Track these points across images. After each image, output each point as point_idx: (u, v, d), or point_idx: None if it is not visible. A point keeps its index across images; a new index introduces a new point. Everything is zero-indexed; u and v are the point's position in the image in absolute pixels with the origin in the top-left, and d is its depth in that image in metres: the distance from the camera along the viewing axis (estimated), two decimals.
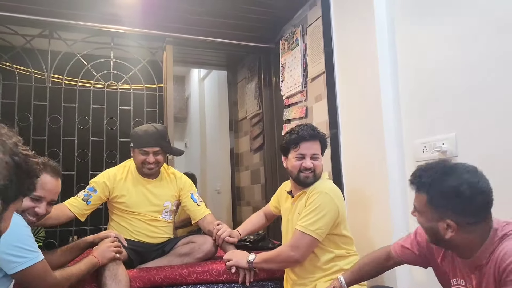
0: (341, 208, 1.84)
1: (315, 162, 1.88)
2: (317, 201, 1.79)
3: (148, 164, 2.19)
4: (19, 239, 1.40)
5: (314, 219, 1.77)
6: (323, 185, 1.87)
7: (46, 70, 2.97)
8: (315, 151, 1.90)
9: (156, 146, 2.19)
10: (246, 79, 4.10)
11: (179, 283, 1.96)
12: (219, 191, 4.82)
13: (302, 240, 1.78)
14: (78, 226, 2.95)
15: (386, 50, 2.11)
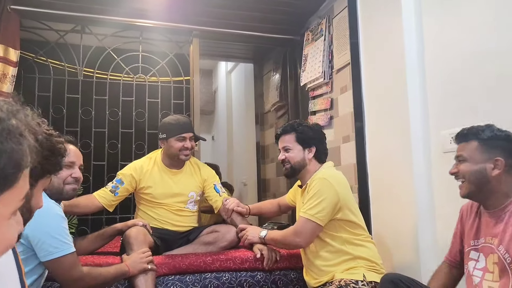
0: (342, 193, 1.85)
1: (287, 154, 1.97)
2: (315, 187, 1.85)
3: (185, 150, 2.27)
4: (55, 229, 1.48)
5: (313, 204, 1.82)
6: (322, 172, 1.92)
7: (78, 64, 3.08)
8: (286, 143, 1.99)
9: (191, 132, 2.30)
10: (271, 71, 4.10)
11: (203, 270, 2.01)
12: (245, 183, 4.86)
13: (304, 226, 1.84)
14: (108, 215, 3.06)
15: (413, 40, 2.07)
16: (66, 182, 1.63)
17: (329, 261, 1.84)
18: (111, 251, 2.23)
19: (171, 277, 1.98)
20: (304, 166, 1.97)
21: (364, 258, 1.82)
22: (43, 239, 1.45)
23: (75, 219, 2.88)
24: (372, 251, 1.86)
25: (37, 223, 1.41)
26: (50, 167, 0.88)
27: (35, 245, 1.44)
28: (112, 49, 3.16)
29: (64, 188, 1.63)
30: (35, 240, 1.44)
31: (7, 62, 2.64)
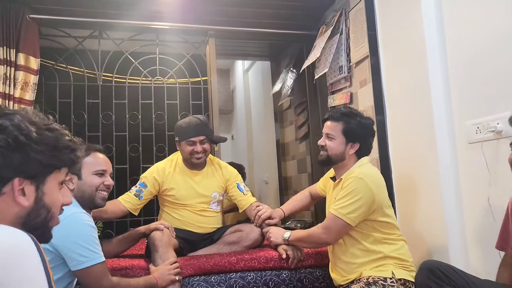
0: (378, 194, 1.78)
1: (328, 142, 1.90)
2: (351, 185, 1.78)
3: (196, 154, 2.24)
4: (84, 239, 1.49)
5: (347, 203, 1.76)
6: (359, 170, 1.84)
7: (97, 69, 3.11)
8: (329, 131, 1.90)
9: (201, 135, 2.25)
10: (289, 67, 4.07)
11: (228, 270, 2.01)
12: (267, 181, 4.85)
13: (334, 223, 1.79)
14: (132, 218, 3.09)
15: (434, 28, 2.01)
16: (98, 189, 1.68)
17: (358, 259, 1.80)
18: (136, 254, 2.25)
19: (196, 278, 1.98)
20: (342, 160, 1.89)
21: (394, 257, 1.77)
22: (72, 248, 1.46)
23: (100, 223, 2.91)
24: (403, 249, 1.81)
25: (66, 233, 1.43)
26: (55, 162, 0.87)
27: (65, 254, 1.46)
28: (129, 53, 3.19)
29: (96, 196, 1.68)
30: (64, 250, 1.45)
31: (28, 71, 2.69)
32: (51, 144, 0.86)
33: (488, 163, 1.69)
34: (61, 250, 1.45)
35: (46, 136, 0.85)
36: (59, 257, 1.46)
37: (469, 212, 1.84)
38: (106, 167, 1.74)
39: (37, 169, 0.84)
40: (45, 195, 0.86)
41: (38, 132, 0.83)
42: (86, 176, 1.67)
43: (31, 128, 0.83)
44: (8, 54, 2.62)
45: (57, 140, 0.87)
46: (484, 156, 1.71)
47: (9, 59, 2.61)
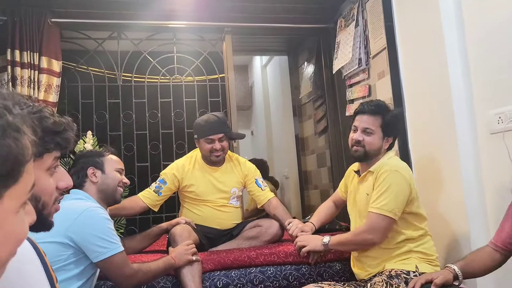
0: (413, 184, 1.76)
1: (367, 138, 1.80)
2: (387, 180, 1.71)
3: (215, 152, 2.26)
4: (102, 231, 1.54)
5: (388, 199, 1.70)
6: (391, 163, 1.79)
7: (117, 69, 3.18)
8: (368, 125, 1.80)
9: (220, 133, 2.26)
10: (306, 61, 4.05)
11: (247, 265, 2.03)
12: (287, 176, 4.85)
13: (379, 222, 1.70)
14: (155, 214, 3.15)
15: (452, 17, 1.96)
16: (119, 185, 1.79)
17: (385, 255, 1.77)
18: (158, 249, 2.30)
19: (217, 272, 2.01)
20: (378, 155, 1.82)
21: (419, 251, 1.74)
22: (91, 241, 1.51)
23: (123, 220, 2.98)
24: (428, 244, 1.78)
25: (84, 227, 1.49)
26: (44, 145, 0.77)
27: (85, 247, 1.51)
28: (147, 52, 3.24)
29: (117, 191, 1.78)
30: (83, 243, 1.50)
31: (51, 73, 2.77)
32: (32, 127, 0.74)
33: (510, 153, 1.65)
34: (81, 244, 1.50)
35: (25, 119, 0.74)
36: (80, 251, 1.51)
37: (491, 203, 1.80)
38: (123, 167, 1.87)
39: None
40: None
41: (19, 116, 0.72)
42: (109, 171, 1.77)
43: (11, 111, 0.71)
44: (32, 58, 2.70)
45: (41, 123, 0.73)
46: (507, 147, 1.67)
47: (32, 63, 2.69)
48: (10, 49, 2.65)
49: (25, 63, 2.66)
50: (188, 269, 1.88)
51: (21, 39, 2.68)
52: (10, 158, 0.45)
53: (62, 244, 1.48)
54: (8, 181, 0.45)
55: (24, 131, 0.48)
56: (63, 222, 1.49)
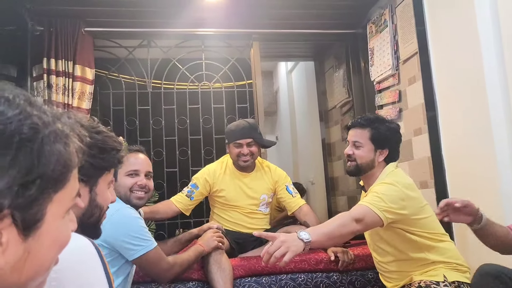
0: (411, 197, 1.68)
1: (356, 151, 1.79)
2: (381, 189, 1.66)
3: (243, 156, 2.28)
4: (134, 229, 1.57)
5: (381, 202, 1.62)
6: (387, 179, 1.72)
7: (146, 76, 3.24)
8: (356, 138, 1.80)
9: (248, 138, 2.28)
10: (333, 67, 4.03)
11: (278, 272, 2.03)
12: (313, 182, 4.82)
13: (368, 215, 1.59)
14: (183, 219, 3.18)
15: (488, 19, 1.91)
16: (133, 190, 1.70)
17: (406, 268, 1.73)
18: None
19: (247, 279, 2.01)
20: (372, 168, 1.79)
21: (442, 261, 1.69)
22: (125, 240, 1.54)
23: (153, 225, 3.03)
24: (450, 252, 1.72)
25: (116, 229, 1.52)
26: (105, 164, 0.91)
27: (119, 247, 1.54)
28: (176, 59, 3.29)
29: (130, 196, 1.70)
30: (118, 243, 1.53)
31: (85, 81, 2.85)
32: (100, 147, 0.90)
33: None
34: (115, 245, 1.53)
35: (96, 139, 0.89)
36: (114, 251, 1.54)
37: None
38: (139, 167, 1.73)
39: (91, 172, 0.89)
40: (98, 196, 0.92)
41: (90, 136, 0.87)
42: (120, 178, 1.69)
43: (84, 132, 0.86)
44: (67, 66, 2.78)
45: (105, 143, 0.91)
46: None
47: (67, 71, 2.78)
48: (46, 58, 2.74)
49: (60, 71, 2.75)
50: (219, 275, 1.89)
51: (56, 48, 2.77)
52: (60, 163, 0.47)
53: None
54: (57, 185, 0.47)
55: (71, 138, 0.50)
56: None
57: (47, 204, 0.46)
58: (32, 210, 0.45)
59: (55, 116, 0.49)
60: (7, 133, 0.43)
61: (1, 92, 0.46)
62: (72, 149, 0.50)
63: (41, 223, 0.46)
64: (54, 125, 0.47)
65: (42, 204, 0.46)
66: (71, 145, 0.49)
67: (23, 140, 0.43)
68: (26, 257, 0.46)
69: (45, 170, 0.45)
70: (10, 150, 0.42)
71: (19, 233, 0.45)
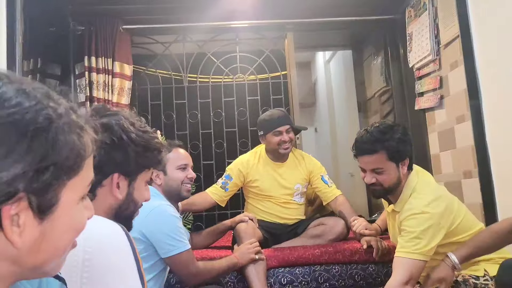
0: (449, 210, 1.56)
1: (379, 177, 1.60)
2: (413, 226, 1.51)
3: (284, 144, 2.27)
4: (171, 228, 1.60)
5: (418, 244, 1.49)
6: (415, 203, 1.57)
7: (182, 71, 3.29)
8: (374, 165, 1.60)
9: (286, 124, 2.28)
10: (371, 56, 3.91)
11: (312, 263, 2.01)
12: (352, 174, 4.72)
13: (412, 268, 1.47)
14: (220, 211, 3.23)
15: None
16: (184, 183, 1.79)
17: None
18: (224, 245, 2.35)
19: (281, 269, 2.01)
20: (399, 184, 1.63)
21: (484, 259, 1.59)
22: (160, 238, 1.57)
23: (190, 216, 3.09)
24: None
25: (154, 223, 1.55)
26: (146, 162, 0.96)
27: (154, 243, 1.58)
28: (211, 53, 3.33)
29: (181, 189, 1.78)
30: (153, 239, 1.57)
31: (123, 77, 2.94)
32: (145, 145, 0.94)
33: None
34: (151, 240, 1.57)
35: (142, 137, 0.94)
36: (151, 246, 1.58)
37: None
38: (187, 161, 1.83)
39: (133, 167, 0.94)
40: (135, 191, 0.96)
41: (137, 134, 0.93)
42: (171, 172, 1.77)
43: (131, 129, 0.91)
44: (106, 64, 2.88)
45: (149, 142, 0.96)
46: None
47: (107, 68, 2.88)
48: (87, 56, 2.86)
49: (100, 68, 2.85)
50: (252, 265, 1.91)
51: (96, 46, 2.88)
52: (74, 152, 0.50)
53: (135, 238, 1.55)
54: (71, 173, 0.50)
55: (86, 130, 0.53)
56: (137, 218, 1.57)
57: (61, 190, 0.49)
58: (47, 194, 0.48)
59: (71, 109, 0.52)
60: (23, 122, 0.46)
61: (20, 85, 0.49)
62: (86, 139, 0.52)
63: (56, 207, 0.49)
64: (69, 116, 0.50)
65: (57, 189, 0.49)
66: (85, 136, 0.52)
67: (38, 129, 0.46)
68: (41, 240, 0.49)
69: (58, 157, 0.48)
70: (26, 138, 0.45)
71: (35, 216, 0.48)
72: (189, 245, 1.63)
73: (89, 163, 0.54)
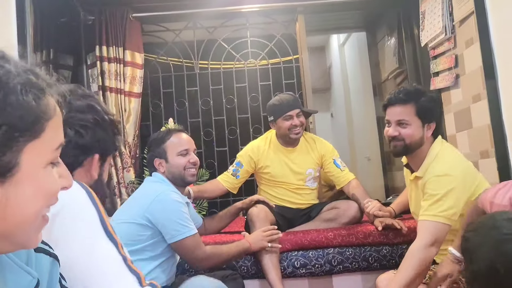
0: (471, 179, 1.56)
1: (403, 130, 1.60)
2: (437, 189, 1.52)
3: (295, 128, 2.25)
4: (175, 214, 1.60)
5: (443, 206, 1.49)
6: (438, 167, 1.56)
7: (194, 58, 3.29)
8: (401, 116, 1.61)
9: (297, 108, 2.26)
10: (386, 36, 3.83)
11: (325, 246, 2.00)
12: (369, 158, 4.68)
13: (437, 231, 1.48)
14: (234, 197, 3.24)
15: None
16: (186, 168, 1.76)
17: None
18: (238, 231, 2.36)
19: (294, 252, 2.01)
20: (421, 145, 1.63)
21: None
22: (165, 224, 1.59)
23: (205, 203, 3.11)
24: None
25: (158, 210, 1.57)
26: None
27: (161, 229, 1.59)
28: (222, 39, 3.31)
29: (185, 174, 1.75)
30: (159, 225, 1.59)
31: (135, 66, 2.96)
32: (115, 128, 0.97)
33: None
34: (158, 226, 1.58)
35: (112, 120, 0.96)
36: (158, 232, 1.59)
37: None
38: (188, 145, 1.78)
39: (109, 148, 0.96)
40: (104, 173, 0.99)
41: (109, 116, 0.95)
42: (172, 158, 1.74)
43: (108, 111, 0.95)
44: (117, 53, 2.90)
45: (117, 126, 0.99)
46: None
47: (118, 57, 2.90)
48: (98, 46, 2.88)
49: (111, 57, 2.87)
50: (267, 251, 1.91)
51: (107, 35, 2.89)
52: (30, 113, 0.49)
53: (141, 225, 1.57)
54: (28, 134, 0.49)
55: (48, 93, 0.52)
56: (142, 204, 1.59)
57: (20, 152, 0.49)
58: (4, 156, 0.47)
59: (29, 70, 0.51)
60: None
61: None
62: (46, 101, 0.51)
63: (16, 170, 0.49)
64: (23, 77, 0.49)
65: (15, 151, 0.48)
66: (46, 98, 0.51)
67: None
68: (5, 203, 0.48)
69: (10, 118, 0.47)
70: None
71: None
72: (195, 230, 1.63)
73: (53, 126, 0.52)
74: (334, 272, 1.99)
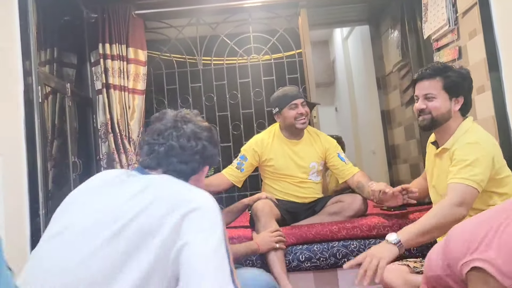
0: (497, 156, 1.59)
1: (430, 103, 1.66)
2: (468, 154, 1.54)
3: (301, 117, 2.26)
4: None
5: (473, 171, 1.53)
6: (467, 137, 1.61)
7: (197, 54, 3.30)
8: (428, 90, 1.67)
9: (301, 98, 2.29)
10: (389, 29, 3.81)
11: (330, 239, 2.01)
12: (374, 151, 4.67)
13: (466, 193, 1.51)
14: (240, 192, 3.26)
15: None
16: None
17: None
18: (243, 225, 2.37)
19: (299, 246, 2.02)
20: (448, 119, 1.67)
21: None
22: None
23: None
24: None
25: None
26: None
27: None
28: (225, 35, 3.31)
29: None
30: None
31: (138, 63, 2.96)
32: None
33: None
34: None
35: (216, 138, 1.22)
36: None
37: None
38: None
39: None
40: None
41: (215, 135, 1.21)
42: None
43: None
44: (120, 50, 2.90)
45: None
46: None
47: (121, 54, 2.90)
48: (101, 43, 2.89)
49: (114, 55, 2.88)
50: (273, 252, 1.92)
51: (110, 33, 2.90)
52: None
53: None
54: None
55: None
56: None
57: None
58: None
59: None
60: None
61: None
62: None
63: None
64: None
65: None
66: None
67: None
68: None
69: None
70: None
71: None
72: None
73: None
74: (339, 265, 1.99)
